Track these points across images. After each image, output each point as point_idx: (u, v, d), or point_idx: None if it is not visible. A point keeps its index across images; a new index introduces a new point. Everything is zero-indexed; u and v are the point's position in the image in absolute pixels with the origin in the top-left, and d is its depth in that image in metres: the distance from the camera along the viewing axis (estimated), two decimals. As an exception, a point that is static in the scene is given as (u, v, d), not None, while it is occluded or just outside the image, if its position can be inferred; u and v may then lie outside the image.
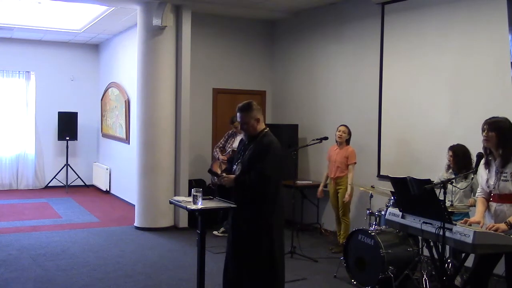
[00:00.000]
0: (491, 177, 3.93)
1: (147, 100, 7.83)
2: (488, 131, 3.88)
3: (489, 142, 3.90)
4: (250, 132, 4.26)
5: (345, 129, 6.75)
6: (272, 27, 9.11)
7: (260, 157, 4.12)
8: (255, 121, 4.23)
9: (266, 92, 9.12)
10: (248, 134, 4.28)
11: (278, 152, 4.21)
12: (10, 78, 11.53)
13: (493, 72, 5.60)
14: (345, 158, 6.67)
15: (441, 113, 6.15)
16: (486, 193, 4.02)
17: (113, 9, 8.49)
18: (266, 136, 4.25)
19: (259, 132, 4.25)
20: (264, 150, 4.14)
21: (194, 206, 4.15)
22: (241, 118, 4.26)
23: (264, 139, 4.22)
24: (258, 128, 4.25)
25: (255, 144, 4.22)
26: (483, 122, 3.95)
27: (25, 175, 11.69)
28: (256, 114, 4.24)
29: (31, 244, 6.85)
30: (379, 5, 6.93)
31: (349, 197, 6.60)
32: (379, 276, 5.05)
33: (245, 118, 4.24)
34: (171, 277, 5.61)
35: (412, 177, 4.19)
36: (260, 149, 4.15)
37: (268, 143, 4.18)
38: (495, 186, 3.88)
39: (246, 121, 4.23)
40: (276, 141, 4.25)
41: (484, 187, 4.00)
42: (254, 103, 4.32)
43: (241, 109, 4.27)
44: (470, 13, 5.85)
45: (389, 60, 6.84)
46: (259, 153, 4.14)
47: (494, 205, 3.93)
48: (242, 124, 4.28)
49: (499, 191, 3.87)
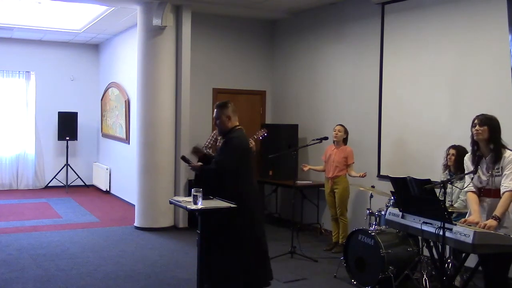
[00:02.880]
0: (482, 173, 3.98)
1: (147, 100, 7.84)
2: (480, 125, 3.95)
3: (481, 136, 3.96)
4: (221, 128, 4.65)
5: (341, 128, 6.76)
6: (272, 27, 9.11)
7: (221, 150, 4.62)
8: (226, 118, 4.60)
9: (266, 92, 9.12)
10: (220, 130, 4.67)
11: (240, 146, 4.56)
12: (10, 78, 11.53)
13: (493, 72, 5.60)
14: (343, 158, 6.68)
15: (441, 113, 6.15)
16: (477, 188, 4.07)
17: (113, 9, 8.49)
18: (233, 132, 4.60)
19: (229, 129, 4.61)
20: (226, 144, 4.57)
21: (194, 206, 4.16)
22: (215, 114, 4.68)
23: (229, 134, 4.59)
24: (229, 126, 4.62)
25: (226, 141, 4.61)
26: (474, 118, 4.03)
27: (25, 175, 11.70)
28: (228, 112, 4.62)
29: (31, 244, 6.85)
30: (379, 5, 6.93)
31: (363, 174, 6.56)
32: (379, 276, 5.05)
33: (217, 114, 4.65)
34: (171, 277, 5.61)
35: (412, 177, 4.20)
36: (224, 143, 4.60)
37: (230, 138, 4.56)
38: (489, 181, 3.94)
39: (218, 116, 4.64)
40: (241, 137, 4.61)
41: (475, 182, 4.05)
42: (230, 103, 4.70)
43: (216, 106, 4.71)
44: (470, 13, 5.85)
45: (389, 60, 6.84)
46: (221, 147, 4.63)
47: (486, 200, 3.98)
48: (215, 120, 4.67)
49: (494, 186, 3.93)
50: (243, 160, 4.57)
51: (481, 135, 3.96)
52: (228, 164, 4.46)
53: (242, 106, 8.32)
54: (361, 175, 6.53)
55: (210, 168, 4.55)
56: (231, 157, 4.49)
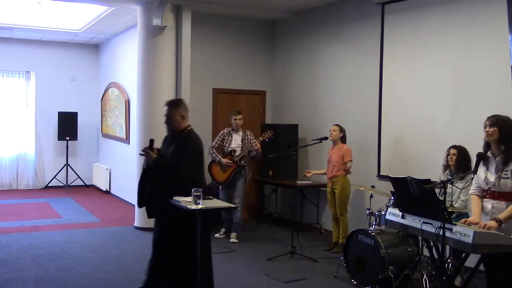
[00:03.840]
0: (491, 174, 3.92)
1: (147, 100, 7.83)
2: (491, 126, 3.90)
3: (492, 137, 3.91)
4: (174, 127, 4.41)
5: (336, 128, 6.78)
6: (272, 27, 9.11)
7: (179, 150, 4.29)
8: (180, 117, 4.39)
9: (266, 92, 9.12)
10: (172, 129, 4.43)
11: (199, 150, 4.41)
12: (10, 78, 11.53)
13: (493, 72, 5.60)
14: (341, 157, 6.69)
15: (441, 113, 6.15)
16: (481, 191, 4.02)
17: (113, 9, 8.49)
18: (190, 133, 4.43)
19: (183, 129, 4.41)
20: (185, 145, 4.32)
21: (194, 206, 4.16)
22: (168, 112, 4.41)
23: (186, 135, 4.39)
24: (182, 125, 4.41)
25: (178, 140, 4.37)
26: (486, 118, 3.97)
27: (25, 175, 11.70)
28: (182, 111, 4.42)
29: (31, 244, 6.85)
30: (379, 5, 6.93)
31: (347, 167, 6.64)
32: (379, 276, 5.05)
33: (171, 112, 4.39)
34: (171, 277, 5.61)
35: (412, 177, 4.20)
36: (181, 144, 4.32)
37: (189, 139, 4.37)
38: (495, 183, 3.87)
39: (171, 115, 4.39)
40: (198, 140, 4.44)
41: (482, 183, 3.99)
42: (183, 101, 4.53)
43: (169, 104, 4.47)
44: (470, 13, 5.85)
45: (389, 60, 6.84)
46: (179, 147, 4.31)
47: (491, 202, 3.92)
48: (167, 118, 4.41)
49: (500, 189, 3.86)
50: (200, 165, 4.47)
51: (491, 136, 3.91)
52: (189, 170, 4.29)
53: (242, 106, 8.32)
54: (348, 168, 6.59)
55: (168, 166, 4.29)
56: (193, 163, 4.33)
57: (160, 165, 4.33)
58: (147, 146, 4.43)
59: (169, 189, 4.28)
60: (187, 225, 4.30)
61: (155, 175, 4.36)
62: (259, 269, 5.94)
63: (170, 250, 4.38)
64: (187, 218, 4.26)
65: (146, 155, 4.38)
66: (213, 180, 7.63)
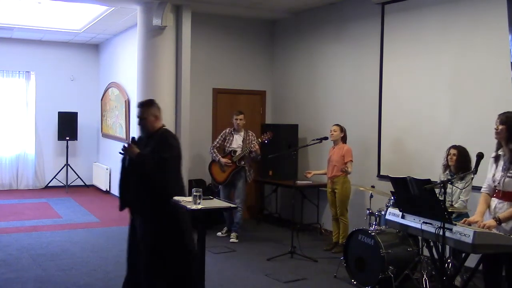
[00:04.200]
0: (497, 172, 3.89)
1: (147, 100, 7.82)
2: (499, 124, 3.86)
3: (499, 135, 3.88)
4: (147, 128, 4.34)
5: (337, 128, 6.77)
6: (272, 27, 9.11)
7: (163, 148, 4.21)
8: (153, 117, 4.33)
9: (266, 92, 9.12)
10: (146, 130, 4.36)
11: (178, 148, 4.36)
12: (10, 78, 11.53)
13: (493, 72, 5.60)
14: (341, 157, 6.69)
15: (441, 113, 6.15)
16: (491, 189, 3.98)
17: (113, 9, 8.50)
18: (166, 132, 4.37)
19: (157, 129, 4.35)
20: (164, 143, 4.25)
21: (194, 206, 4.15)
22: (140, 113, 4.35)
23: (163, 135, 4.33)
24: (156, 125, 4.34)
25: (154, 140, 4.29)
26: (497, 115, 3.93)
27: (25, 175, 11.70)
28: (155, 111, 4.36)
29: (31, 244, 6.85)
30: (379, 5, 6.93)
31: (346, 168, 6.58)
32: (379, 276, 5.05)
33: (144, 113, 4.33)
34: (171, 277, 5.61)
35: (412, 177, 4.20)
36: (162, 143, 4.25)
37: (167, 138, 4.30)
38: (500, 182, 3.85)
39: (145, 116, 4.32)
40: (176, 138, 4.40)
41: (490, 182, 3.97)
42: (155, 101, 4.44)
43: (141, 104, 4.40)
44: (470, 13, 5.85)
45: (389, 60, 6.84)
46: (161, 145, 4.23)
47: (495, 202, 3.90)
48: (140, 119, 4.34)
49: (503, 188, 3.84)
50: (180, 163, 4.41)
51: (499, 135, 3.89)
52: (172, 164, 4.24)
53: (242, 106, 8.32)
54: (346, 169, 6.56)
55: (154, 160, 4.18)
56: (175, 157, 4.27)
57: (146, 158, 4.22)
58: (129, 146, 4.34)
59: (154, 185, 4.21)
60: (176, 223, 4.29)
61: (140, 170, 4.23)
62: (259, 269, 5.94)
63: (160, 250, 4.33)
64: (175, 216, 4.25)
65: (129, 149, 4.28)
66: (212, 180, 7.63)
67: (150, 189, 4.24)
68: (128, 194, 4.40)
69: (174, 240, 4.32)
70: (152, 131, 4.34)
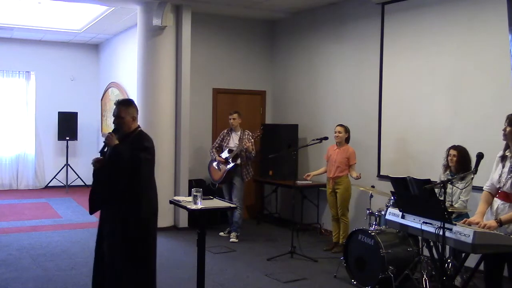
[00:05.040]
0: (503, 173, 3.85)
1: (147, 100, 7.83)
2: (508, 125, 3.81)
3: (507, 137, 3.84)
4: (123, 128, 4.22)
5: (342, 129, 6.76)
6: (272, 27, 9.11)
7: (138, 149, 4.13)
8: (130, 118, 4.22)
9: (266, 92, 9.12)
10: (121, 130, 4.24)
11: (152, 150, 4.29)
12: (10, 78, 11.54)
13: (493, 72, 5.60)
14: (346, 158, 6.68)
15: (441, 113, 6.15)
16: (494, 189, 3.94)
17: (113, 9, 8.50)
18: (141, 133, 4.28)
19: (132, 130, 4.25)
20: (141, 144, 4.16)
21: (194, 206, 4.16)
22: (118, 112, 4.23)
23: (140, 136, 4.25)
24: (132, 126, 4.25)
25: (129, 141, 4.18)
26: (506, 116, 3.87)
27: (25, 175, 11.70)
28: (133, 112, 4.25)
29: (31, 244, 6.85)
30: (379, 5, 6.93)
31: (359, 175, 6.54)
32: (379, 276, 5.05)
33: (122, 112, 4.21)
34: (171, 277, 5.61)
35: (412, 177, 4.20)
36: (137, 144, 4.15)
37: (145, 141, 4.22)
38: (506, 183, 3.81)
39: (122, 115, 4.21)
40: (151, 140, 4.30)
41: (495, 182, 3.92)
42: (134, 102, 4.37)
43: (120, 103, 4.30)
44: (470, 13, 5.85)
45: (389, 60, 6.84)
46: (136, 146, 4.14)
47: (497, 203, 3.87)
48: (117, 118, 4.23)
49: (509, 189, 3.79)
50: (153, 165, 4.33)
51: (507, 137, 3.84)
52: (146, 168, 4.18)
53: (242, 106, 8.32)
54: (357, 176, 6.52)
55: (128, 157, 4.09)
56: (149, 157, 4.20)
57: (123, 151, 4.11)
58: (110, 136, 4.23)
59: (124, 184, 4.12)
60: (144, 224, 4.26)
61: (115, 162, 4.13)
62: (259, 269, 5.94)
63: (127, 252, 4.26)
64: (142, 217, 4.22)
65: (109, 138, 4.17)
66: (210, 178, 7.65)
67: (122, 189, 4.14)
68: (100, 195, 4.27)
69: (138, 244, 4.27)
70: (128, 132, 4.24)
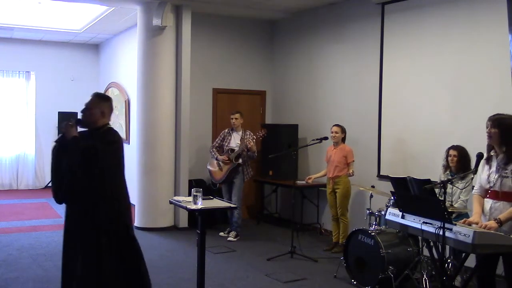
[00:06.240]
0: (492, 173, 3.89)
1: (147, 100, 7.84)
2: (491, 127, 3.85)
3: (492, 139, 3.87)
4: (89, 121, 4.01)
5: (338, 129, 6.76)
6: (272, 27, 9.11)
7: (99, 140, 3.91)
8: (100, 112, 4.01)
9: (266, 92, 9.12)
10: (87, 122, 4.03)
11: (117, 146, 4.02)
12: (10, 78, 11.54)
13: (493, 72, 5.60)
14: (343, 157, 6.69)
15: (441, 113, 6.15)
16: (483, 191, 3.99)
17: (113, 9, 8.50)
18: (109, 130, 4.04)
19: (100, 126, 4.02)
20: (104, 139, 3.93)
21: (194, 206, 4.16)
22: (89, 103, 4.05)
23: (105, 132, 4.02)
24: (100, 122, 4.02)
25: (95, 138, 3.97)
26: (488, 118, 3.92)
27: (25, 175, 11.70)
28: (104, 107, 4.04)
29: (31, 244, 6.85)
30: (379, 5, 6.93)
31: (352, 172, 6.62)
32: (379, 276, 5.05)
33: (92, 104, 4.03)
34: (171, 277, 5.62)
35: (412, 177, 4.20)
36: (100, 139, 3.93)
37: (110, 135, 4.00)
38: (496, 182, 3.84)
39: (91, 107, 4.02)
40: (118, 138, 4.05)
41: (484, 183, 3.97)
42: (110, 100, 4.18)
43: (94, 95, 4.13)
44: (470, 13, 5.85)
45: (389, 60, 6.84)
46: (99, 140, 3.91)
47: (490, 202, 3.90)
48: (85, 109, 4.04)
49: (500, 188, 3.83)
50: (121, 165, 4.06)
51: (492, 139, 3.86)
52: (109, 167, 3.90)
53: (242, 106, 8.32)
54: (350, 173, 6.59)
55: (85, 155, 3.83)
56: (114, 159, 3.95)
57: (76, 147, 3.88)
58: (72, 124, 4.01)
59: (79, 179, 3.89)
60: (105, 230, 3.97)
61: (68, 155, 3.94)
62: (259, 269, 5.94)
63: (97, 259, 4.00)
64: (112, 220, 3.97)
65: (67, 128, 3.96)
66: (211, 179, 7.65)
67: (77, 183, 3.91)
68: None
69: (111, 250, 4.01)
70: (94, 126, 4.01)
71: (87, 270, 4.02)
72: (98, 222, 3.95)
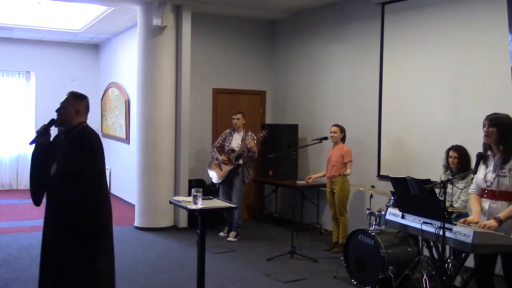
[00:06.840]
0: (489, 172, 3.90)
1: (147, 100, 7.84)
2: (489, 126, 3.86)
3: (490, 138, 3.88)
4: (63, 119, 3.92)
5: (337, 129, 6.77)
6: (272, 27, 9.11)
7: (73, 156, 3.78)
8: (74, 111, 3.90)
9: (266, 92, 9.12)
10: (61, 121, 3.95)
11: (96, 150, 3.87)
12: (10, 78, 11.54)
13: (493, 72, 5.60)
14: (341, 157, 6.69)
15: (441, 113, 6.15)
16: (480, 190, 4.00)
17: (113, 9, 8.49)
18: (83, 131, 3.89)
19: (75, 125, 3.90)
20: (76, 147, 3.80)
21: (194, 206, 4.16)
22: (63, 101, 3.97)
23: (79, 134, 3.86)
24: (74, 121, 3.90)
25: (69, 139, 3.87)
26: (484, 117, 3.93)
27: (25, 175, 11.67)
28: (79, 106, 3.94)
29: (31, 244, 6.85)
30: (379, 5, 6.93)
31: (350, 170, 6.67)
32: (379, 276, 5.05)
33: (67, 102, 3.96)
34: (171, 277, 5.61)
35: (412, 177, 4.20)
36: (73, 146, 3.81)
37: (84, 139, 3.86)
38: (493, 181, 3.85)
39: (65, 105, 3.95)
40: (95, 137, 3.91)
41: (480, 182, 3.98)
42: (86, 99, 4.06)
43: (69, 93, 4.06)
44: (470, 13, 5.85)
45: (389, 60, 6.84)
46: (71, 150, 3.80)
47: (488, 202, 3.91)
48: (60, 107, 3.97)
49: (497, 187, 3.84)
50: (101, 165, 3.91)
51: (490, 138, 3.87)
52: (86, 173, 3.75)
53: (242, 106, 8.32)
54: (346, 173, 6.60)
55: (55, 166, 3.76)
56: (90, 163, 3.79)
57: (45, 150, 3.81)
58: (47, 124, 3.92)
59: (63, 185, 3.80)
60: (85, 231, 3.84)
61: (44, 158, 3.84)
62: (259, 269, 5.94)
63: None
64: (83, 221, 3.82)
65: (43, 133, 3.87)
66: (210, 178, 7.64)
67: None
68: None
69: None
70: (68, 126, 3.91)
71: (61, 270, 4.02)
72: (73, 222, 3.89)
